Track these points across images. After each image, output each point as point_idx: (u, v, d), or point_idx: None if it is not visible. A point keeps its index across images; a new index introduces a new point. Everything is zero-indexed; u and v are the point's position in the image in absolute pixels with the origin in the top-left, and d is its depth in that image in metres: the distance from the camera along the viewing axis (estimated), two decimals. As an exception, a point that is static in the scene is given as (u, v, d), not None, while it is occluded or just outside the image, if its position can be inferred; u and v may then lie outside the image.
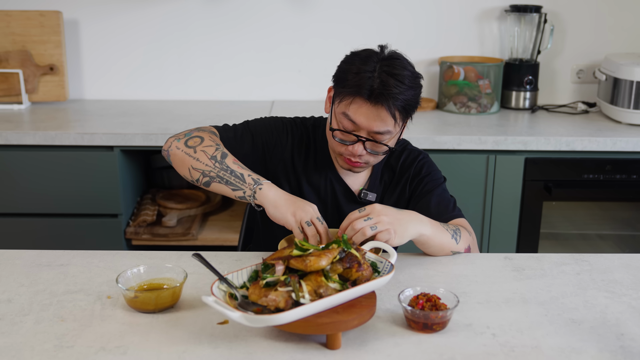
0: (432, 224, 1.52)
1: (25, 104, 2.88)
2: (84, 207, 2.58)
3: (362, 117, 1.53)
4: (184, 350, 1.18)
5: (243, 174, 1.50)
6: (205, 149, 1.55)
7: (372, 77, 1.52)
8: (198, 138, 1.58)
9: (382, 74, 1.52)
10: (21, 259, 1.55)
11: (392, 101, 1.51)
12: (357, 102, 1.53)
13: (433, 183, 1.71)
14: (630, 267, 1.55)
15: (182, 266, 1.47)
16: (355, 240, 1.40)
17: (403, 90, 1.52)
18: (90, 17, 3.01)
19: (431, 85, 3.10)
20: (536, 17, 2.94)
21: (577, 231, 3.00)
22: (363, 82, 1.52)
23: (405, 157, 1.75)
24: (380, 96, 1.51)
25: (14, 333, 1.24)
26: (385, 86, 1.51)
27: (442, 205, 1.68)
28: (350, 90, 1.53)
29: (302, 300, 1.18)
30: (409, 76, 1.55)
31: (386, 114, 1.52)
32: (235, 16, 3.02)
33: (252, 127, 1.70)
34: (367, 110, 1.53)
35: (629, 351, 1.20)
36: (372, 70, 1.53)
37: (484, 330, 1.26)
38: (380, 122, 1.53)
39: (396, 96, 1.51)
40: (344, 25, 3.03)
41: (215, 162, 1.52)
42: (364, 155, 1.58)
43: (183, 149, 1.57)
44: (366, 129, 1.55)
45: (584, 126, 2.70)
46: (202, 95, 3.10)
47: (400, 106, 1.53)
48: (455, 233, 1.58)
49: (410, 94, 1.54)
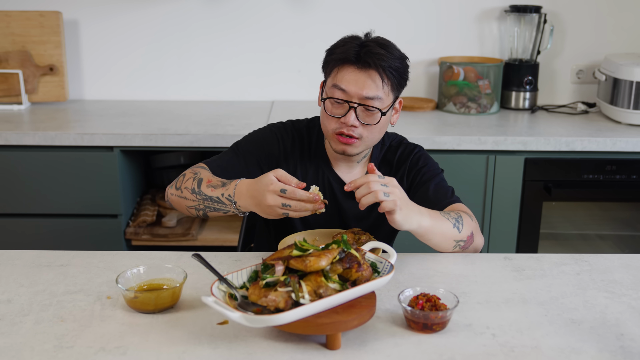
0: (431, 215, 1.51)
1: (25, 105, 2.88)
2: (83, 207, 2.58)
3: (351, 82, 1.55)
4: (183, 351, 1.18)
5: (218, 196, 1.51)
6: (187, 185, 1.57)
7: (359, 45, 1.56)
8: (181, 176, 1.61)
9: (369, 43, 1.57)
10: (21, 259, 1.55)
11: (380, 63, 1.54)
12: (344, 68, 1.57)
13: (431, 173, 1.72)
14: (630, 268, 1.55)
15: (181, 266, 1.47)
16: (364, 201, 1.38)
17: (391, 57, 1.56)
18: (90, 17, 3.01)
19: (431, 86, 3.10)
20: (536, 18, 2.94)
21: (576, 231, 3.01)
22: (350, 50, 1.56)
23: (402, 150, 1.76)
24: (367, 58, 1.54)
25: (13, 333, 1.24)
26: (372, 50, 1.54)
27: (441, 192, 1.68)
28: (338, 58, 1.57)
29: (301, 300, 1.18)
30: (396, 49, 1.60)
31: (375, 75, 1.55)
32: (235, 17, 3.02)
33: (239, 151, 1.71)
34: (356, 75, 1.55)
35: (628, 351, 1.20)
36: (358, 42, 1.58)
37: (483, 331, 1.26)
38: (370, 84, 1.55)
39: (384, 59, 1.54)
40: (344, 26, 3.01)
41: (196, 195, 1.55)
42: (357, 127, 1.58)
43: (175, 193, 1.60)
44: (356, 96, 1.56)
45: (583, 126, 2.70)
46: (201, 96, 3.10)
47: (389, 71, 1.56)
48: (457, 221, 1.57)
49: (398, 63, 1.58)
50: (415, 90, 3.11)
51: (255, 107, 2.97)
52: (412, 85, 3.10)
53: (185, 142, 2.50)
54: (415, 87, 3.11)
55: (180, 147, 2.53)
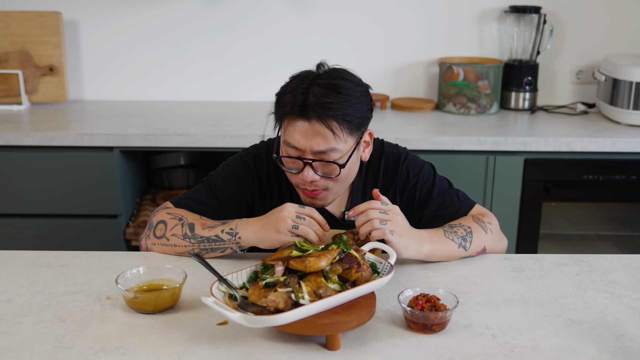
0: (432, 240, 1.49)
1: (24, 105, 2.88)
2: (83, 207, 2.57)
3: (299, 136, 1.42)
4: (183, 351, 1.18)
5: (217, 234, 1.48)
6: (175, 232, 1.52)
7: (304, 93, 1.41)
8: (161, 224, 1.55)
9: (315, 87, 1.41)
10: (21, 259, 1.55)
11: (327, 113, 1.39)
12: (291, 122, 1.43)
13: (427, 186, 1.63)
14: (630, 268, 1.55)
15: (181, 267, 1.47)
16: (362, 230, 1.38)
17: (340, 101, 1.40)
18: (90, 18, 3.01)
19: (430, 86, 3.11)
20: (535, 18, 2.94)
21: (576, 232, 3.00)
22: (295, 99, 1.41)
23: (386, 163, 1.64)
24: (311, 111, 1.39)
25: (13, 334, 1.24)
26: (319, 100, 1.39)
27: (446, 207, 1.62)
28: (284, 111, 1.43)
29: (301, 301, 1.18)
30: (347, 86, 1.43)
31: (323, 128, 1.40)
32: (234, 17, 3.02)
33: (214, 187, 1.61)
34: (303, 129, 1.41)
35: (628, 352, 1.20)
36: (306, 86, 1.42)
37: (483, 331, 1.26)
38: (319, 139, 1.41)
39: (332, 108, 1.39)
40: (344, 26, 3.03)
41: (190, 240, 1.50)
42: (319, 180, 1.47)
43: (156, 242, 1.56)
44: (308, 150, 1.43)
45: (583, 127, 2.71)
46: (201, 96, 3.11)
47: (339, 118, 1.40)
48: (464, 240, 1.53)
49: (352, 108, 1.42)
50: (414, 91, 3.11)
51: (255, 107, 2.97)
52: (412, 86, 3.10)
53: (185, 142, 2.50)
54: (415, 88, 3.11)
55: (180, 147, 2.53)
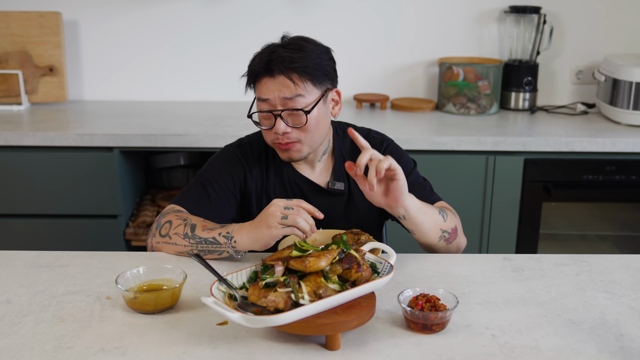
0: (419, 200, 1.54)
1: (24, 105, 2.88)
2: (83, 208, 2.58)
3: (267, 90, 1.57)
4: (183, 351, 1.18)
5: (214, 237, 1.51)
6: (177, 231, 1.56)
7: (269, 54, 1.58)
8: (167, 223, 1.59)
9: (277, 49, 1.59)
10: (21, 259, 1.55)
11: (287, 66, 1.55)
12: (260, 81, 1.59)
13: (405, 171, 1.66)
14: (630, 268, 1.55)
15: (181, 267, 1.47)
16: (381, 168, 1.37)
17: (300, 56, 1.56)
18: (90, 18, 3.01)
19: (430, 86, 3.11)
20: (535, 18, 2.94)
21: (576, 232, 3.01)
22: (261, 62, 1.58)
23: (369, 143, 1.73)
24: (273, 66, 1.56)
25: (13, 334, 1.24)
26: (280, 56, 1.56)
27: (418, 190, 1.66)
28: (252, 72, 1.60)
29: (301, 301, 1.18)
30: (306, 45, 1.59)
31: (286, 80, 1.56)
32: (234, 17, 3.02)
33: (205, 180, 1.69)
34: (270, 84, 1.57)
35: (628, 352, 1.20)
36: (270, 51, 1.60)
37: (483, 331, 1.26)
38: (284, 88, 1.56)
39: (291, 61, 1.55)
40: (343, 26, 3.03)
41: (189, 240, 1.53)
42: (290, 132, 1.58)
43: (160, 240, 1.59)
44: (277, 101, 1.57)
45: (583, 127, 2.71)
46: (201, 96, 3.11)
47: (299, 70, 1.56)
48: (442, 212, 1.59)
49: (309, 59, 1.57)
50: (414, 91, 3.11)
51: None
52: (412, 86, 3.11)
53: (185, 142, 2.50)
54: (415, 88, 3.11)
55: (180, 147, 2.53)
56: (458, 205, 2.36)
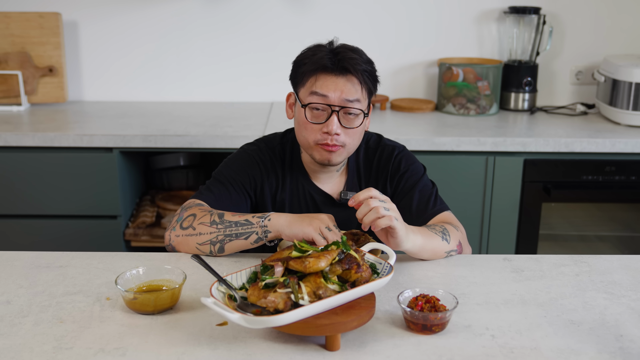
0: (422, 233, 1.52)
1: (24, 106, 2.88)
2: (83, 208, 2.57)
3: (331, 88, 1.55)
4: (183, 352, 1.18)
5: (247, 219, 1.51)
6: (202, 221, 1.55)
7: (330, 52, 1.57)
8: (190, 216, 1.58)
9: (338, 49, 1.57)
10: (20, 260, 1.55)
11: (356, 67, 1.55)
12: (321, 77, 1.56)
13: (413, 179, 1.70)
14: (630, 269, 1.55)
15: (181, 267, 1.47)
16: (367, 219, 1.39)
17: (363, 62, 1.56)
18: (90, 18, 3.01)
19: (430, 87, 3.11)
20: (535, 19, 2.94)
21: (576, 232, 3.00)
22: (323, 58, 1.55)
23: (380, 153, 1.73)
24: (342, 63, 1.54)
25: (12, 334, 1.23)
26: (347, 56, 1.55)
27: (424, 201, 1.67)
28: (311, 69, 1.56)
29: (301, 301, 1.18)
30: (364, 53, 1.60)
31: (354, 79, 1.55)
32: (234, 17, 3.02)
33: (224, 178, 1.68)
34: (334, 81, 1.55)
35: (628, 352, 1.20)
36: (327, 51, 1.57)
37: (483, 332, 1.26)
38: (350, 88, 1.55)
39: (358, 63, 1.55)
40: (343, 27, 3.03)
41: (217, 226, 1.53)
42: (340, 134, 1.57)
43: (181, 233, 1.57)
44: (337, 101, 1.55)
45: (582, 127, 2.71)
46: (201, 97, 3.11)
47: (364, 74, 1.56)
48: (444, 234, 1.58)
49: (370, 67, 1.58)
50: (414, 92, 3.11)
51: (255, 108, 2.97)
52: (412, 86, 3.11)
53: (185, 143, 2.50)
54: (415, 88, 3.11)
55: (180, 148, 2.53)
56: (458, 206, 2.36)
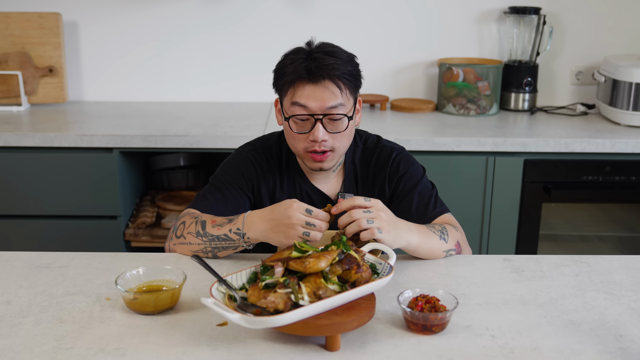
0: (419, 231, 1.52)
1: (24, 106, 2.88)
2: (83, 208, 2.57)
3: (310, 97, 1.53)
4: (183, 352, 1.18)
5: (226, 234, 1.51)
6: (190, 230, 1.56)
7: (306, 60, 1.54)
8: (181, 225, 1.59)
9: (315, 54, 1.55)
10: (20, 260, 1.55)
11: (333, 72, 1.53)
12: (300, 86, 1.54)
13: (412, 180, 1.69)
14: (630, 269, 1.55)
15: (181, 268, 1.47)
16: (349, 230, 1.39)
17: (342, 63, 1.54)
18: (90, 18, 3.01)
19: (430, 87, 3.11)
20: (535, 19, 2.94)
21: (576, 233, 3.00)
22: (299, 67, 1.54)
23: (379, 154, 1.72)
24: (319, 71, 1.52)
25: (12, 335, 1.23)
26: (323, 63, 1.53)
27: (424, 204, 1.67)
28: (290, 79, 1.55)
29: (301, 302, 1.18)
30: (343, 52, 1.58)
31: (332, 85, 1.53)
32: (233, 17, 3.02)
33: (219, 183, 1.68)
34: (313, 90, 1.53)
35: (628, 353, 1.20)
36: (304, 56, 1.55)
37: (483, 332, 1.26)
38: (329, 95, 1.53)
39: (335, 67, 1.53)
40: (343, 27, 3.03)
41: (202, 238, 1.53)
42: (327, 140, 1.56)
43: (177, 242, 1.59)
44: (319, 109, 1.54)
45: (583, 128, 2.71)
46: (201, 97, 3.11)
47: (342, 76, 1.54)
48: (442, 233, 1.58)
49: (350, 67, 1.56)
50: (414, 92, 3.11)
51: (255, 108, 2.97)
52: (412, 87, 3.11)
53: (185, 143, 2.50)
54: (415, 89, 3.11)
55: (180, 148, 2.53)
56: (458, 206, 2.36)
